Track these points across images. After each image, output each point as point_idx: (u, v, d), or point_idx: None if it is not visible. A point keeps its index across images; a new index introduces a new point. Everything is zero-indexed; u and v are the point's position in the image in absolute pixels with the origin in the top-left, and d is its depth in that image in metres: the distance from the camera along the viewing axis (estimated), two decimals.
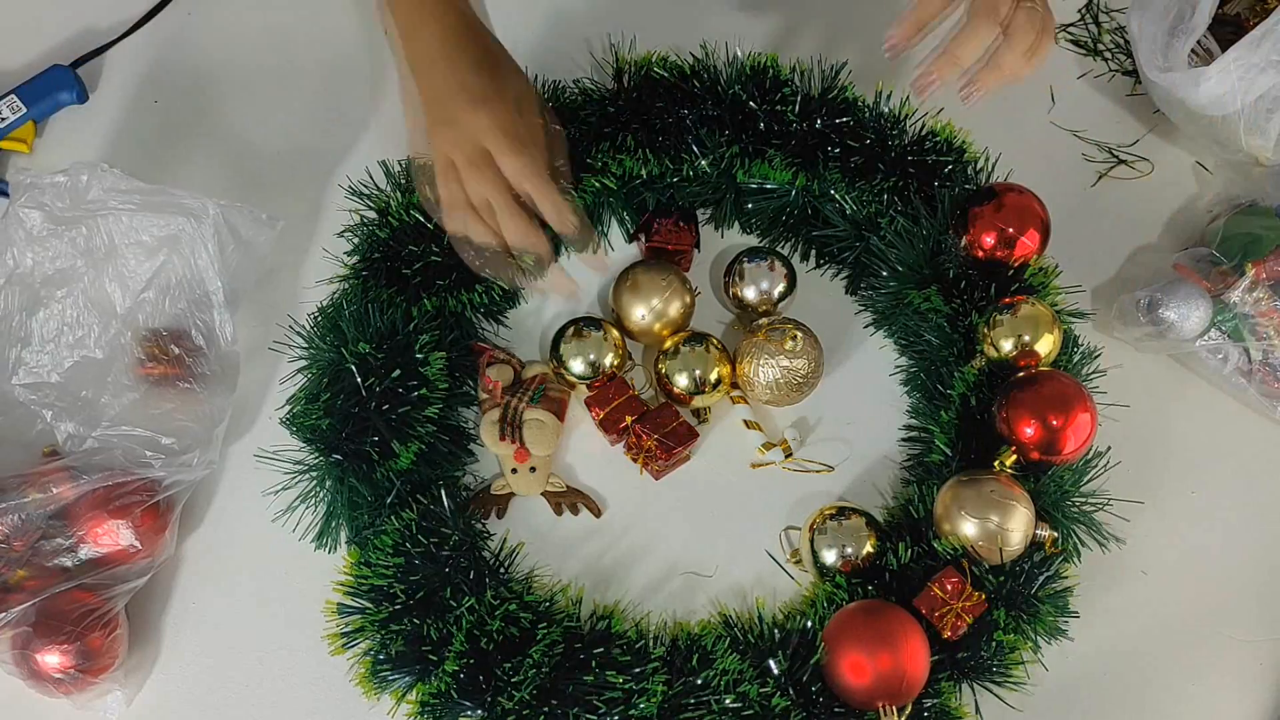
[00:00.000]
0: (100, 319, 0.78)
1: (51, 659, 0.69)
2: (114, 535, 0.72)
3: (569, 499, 0.80)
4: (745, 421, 0.82)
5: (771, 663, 0.70)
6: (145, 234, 0.78)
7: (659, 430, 0.79)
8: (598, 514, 0.80)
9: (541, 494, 0.80)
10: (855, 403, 0.84)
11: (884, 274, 0.82)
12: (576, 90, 0.87)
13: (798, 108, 0.84)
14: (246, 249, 0.79)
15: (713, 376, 0.79)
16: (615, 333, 0.82)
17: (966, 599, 0.70)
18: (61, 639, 0.69)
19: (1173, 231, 0.91)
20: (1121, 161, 0.94)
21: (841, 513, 0.76)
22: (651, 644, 0.72)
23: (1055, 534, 0.73)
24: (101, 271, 0.78)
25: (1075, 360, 0.80)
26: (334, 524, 0.76)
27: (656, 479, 0.81)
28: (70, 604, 0.70)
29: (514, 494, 0.80)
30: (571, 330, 0.81)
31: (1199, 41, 0.83)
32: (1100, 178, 0.93)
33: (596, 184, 0.83)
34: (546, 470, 0.80)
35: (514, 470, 0.79)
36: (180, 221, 0.77)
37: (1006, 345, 0.77)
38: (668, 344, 0.81)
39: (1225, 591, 0.80)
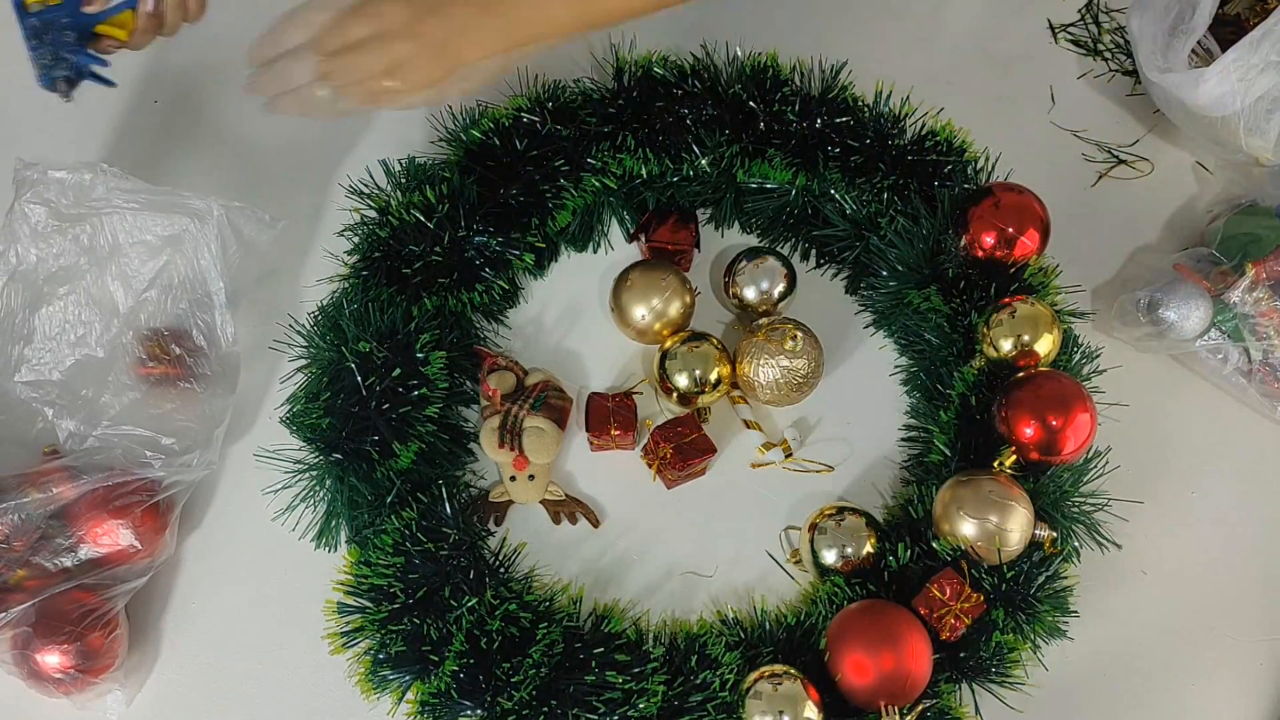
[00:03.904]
0: (102, 317, 0.78)
1: (51, 659, 0.69)
2: (114, 535, 0.72)
3: (567, 508, 0.80)
4: (745, 421, 0.82)
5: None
6: (149, 233, 0.78)
7: (678, 439, 0.79)
8: (596, 524, 0.80)
9: (540, 502, 0.80)
10: (855, 403, 0.84)
11: (884, 274, 0.82)
12: (577, 90, 0.87)
13: (798, 107, 0.84)
14: (248, 249, 0.79)
15: (713, 376, 0.79)
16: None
17: (965, 600, 0.70)
18: (61, 639, 0.69)
19: (1173, 231, 0.91)
20: (1121, 161, 0.94)
21: (841, 513, 0.76)
22: (651, 644, 0.72)
23: (1054, 534, 0.73)
24: (104, 270, 0.78)
25: (1075, 360, 0.80)
26: (334, 523, 0.76)
27: (668, 488, 0.81)
28: (70, 604, 0.70)
29: (512, 501, 0.80)
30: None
31: (1199, 42, 0.83)
32: (1100, 178, 0.93)
33: (596, 184, 0.83)
34: (545, 478, 0.80)
35: (513, 478, 0.79)
36: (184, 221, 0.77)
37: (1006, 345, 0.77)
38: (668, 344, 0.81)
39: (1225, 591, 0.80)
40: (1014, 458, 0.74)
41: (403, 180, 0.83)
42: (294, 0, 0.70)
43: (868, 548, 0.75)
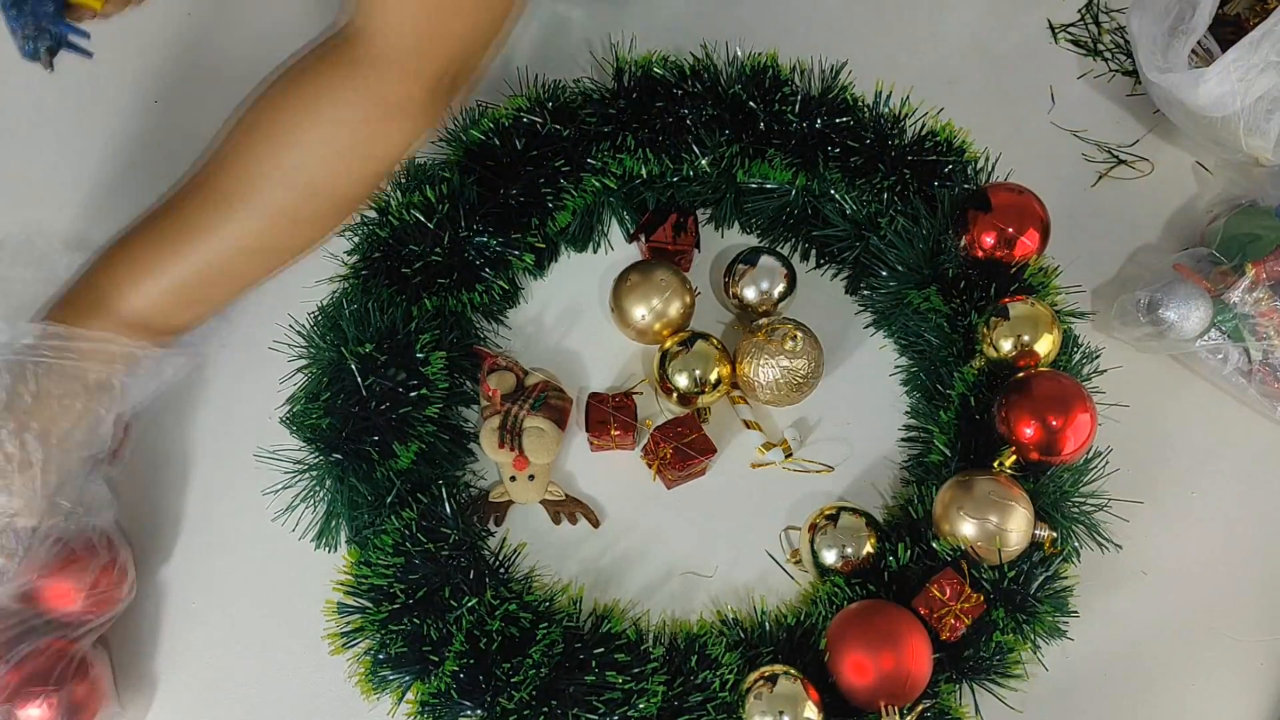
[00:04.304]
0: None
1: (34, 713, 0.69)
2: (68, 593, 0.72)
3: (567, 508, 0.80)
4: (745, 421, 0.82)
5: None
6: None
7: (678, 439, 0.79)
8: (596, 524, 0.80)
9: (540, 502, 0.80)
10: (855, 403, 0.84)
11: (884, 274, 0.82)
12: (577, 90, 0.87)
13: (798, 107, 0.84)
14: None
15: (713, 376, 0.79)
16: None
17: (965, 600, 0.70)
18: (39, 693, 0.69)
19: (1173, 231, 0.91)
20: (1121, 161, 0.94)
21: (841, 513, 0.76)
22: (651, 644, 0.72)
23: (1054, 534, 0.73)
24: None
25: (1075, 360, 0.80)
26: (334, 523, 0.76)
27: (668, 488, 0.81)
28: (39, 656, 0.70)
29: (512, 501, 0.80)
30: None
31: (1199, 42, 0.83)
32: (1100, 178, 0.93)
33: (597, 184, 0.83)
34: (545, 478, 0.80)
35: (513, 478, 0.79)
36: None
37: (1006, 345, 0.77)
38: (668, 344, 0.81)
39: (1225, 591, 0.80)
40: (1014, 458, 0.74)
41: (403, 180, 0.83)
42: None
43: (868, 548, 0.75)
